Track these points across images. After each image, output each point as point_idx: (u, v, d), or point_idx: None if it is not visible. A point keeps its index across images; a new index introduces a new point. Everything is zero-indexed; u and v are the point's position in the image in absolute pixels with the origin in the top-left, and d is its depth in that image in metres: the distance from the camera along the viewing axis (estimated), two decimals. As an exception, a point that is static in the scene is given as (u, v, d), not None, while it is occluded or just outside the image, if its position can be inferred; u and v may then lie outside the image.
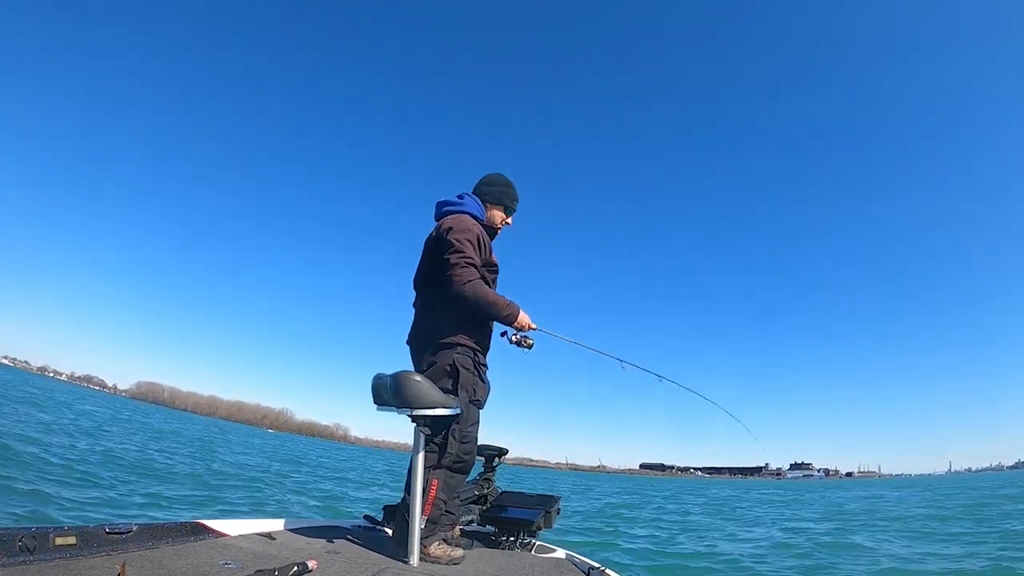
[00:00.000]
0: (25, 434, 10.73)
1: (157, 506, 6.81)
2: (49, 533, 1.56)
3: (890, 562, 6.85)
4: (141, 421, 31.94)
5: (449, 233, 2.49)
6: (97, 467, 8.85)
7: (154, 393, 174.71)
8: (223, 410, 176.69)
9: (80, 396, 53.83)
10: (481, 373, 2.60)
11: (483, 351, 2.64)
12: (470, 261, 2.44)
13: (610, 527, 10.49)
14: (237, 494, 9.22)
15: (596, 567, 2.46)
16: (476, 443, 2.59)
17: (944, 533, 9.77)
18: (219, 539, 2.11)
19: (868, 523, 12.46)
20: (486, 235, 2.64)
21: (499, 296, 2.54)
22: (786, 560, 7.27)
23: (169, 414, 77.25)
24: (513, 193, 2.84)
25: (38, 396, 28.02)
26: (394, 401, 2.25)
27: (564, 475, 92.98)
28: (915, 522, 12.13)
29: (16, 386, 33.81)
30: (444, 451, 2.40)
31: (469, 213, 2.65)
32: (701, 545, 8.60)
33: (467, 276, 2.41)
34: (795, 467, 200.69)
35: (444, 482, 2.42)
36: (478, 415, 2.60)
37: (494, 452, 3.19)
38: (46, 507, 5.39)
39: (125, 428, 21.66)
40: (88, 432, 15.18)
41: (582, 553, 2.96)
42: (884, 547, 8.16)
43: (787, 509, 18.67)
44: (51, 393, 36.99)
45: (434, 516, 2.36)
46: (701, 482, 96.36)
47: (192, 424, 52.58)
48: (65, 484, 6.78)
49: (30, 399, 23.78)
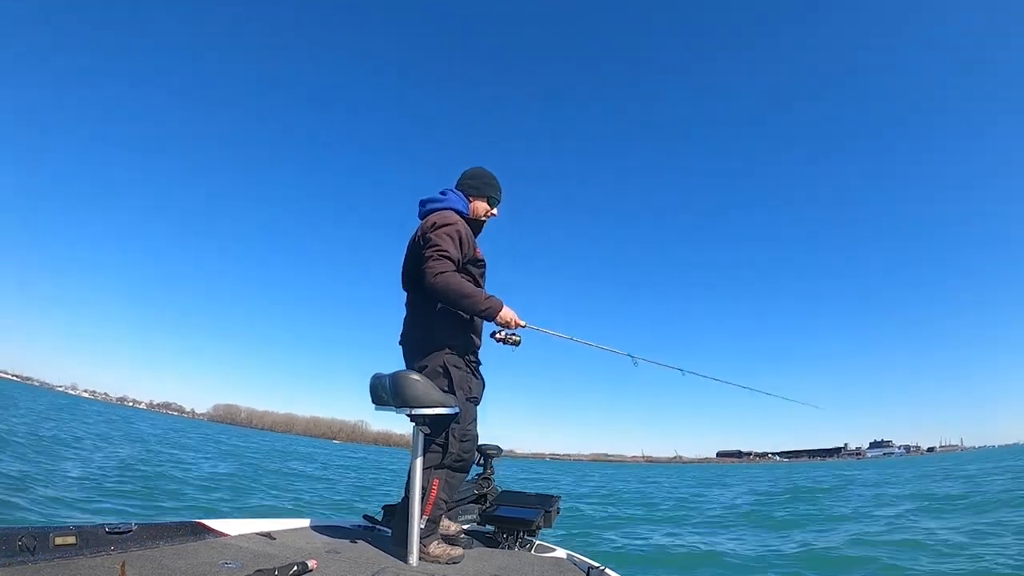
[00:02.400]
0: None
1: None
2: (49, 533, 1.56)
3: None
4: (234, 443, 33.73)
5: (430, 230, 2.49)
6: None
7: (231, 415, 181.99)
8: (299, 426, 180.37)
9: (170, 424, 57.27)
10: (473, 369, 2.58)
11: (474, 350, 2.61)
12: (444, 254, 2.41)
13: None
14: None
15: (596, 567, 2.39)
16: (475, 441, 2.57)
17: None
18: (219, 539, 2.13)
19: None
20: (469, 230, 2.60)
21: (475, 289, 2.49)
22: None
23: (243, 434, 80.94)
24: (496, 184, 2.81)
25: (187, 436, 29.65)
26: (393, 401, 2.24)
27: (642, 468, 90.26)
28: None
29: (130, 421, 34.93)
30: (446, 451, 2.38)
31: (452, 208, 2.62)
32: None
33: (439, 268, 2.38)
34: (875, 445, 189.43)
35: (445, 482, 2.42)
36: (476, 412, 2.59)
37: (492, 451, 3.18)
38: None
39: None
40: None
41: (579, 552, 2.89)
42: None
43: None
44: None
45: (434, 516, 2.35)
46: (797, 466, 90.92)
47: (257, 440, 54.15)
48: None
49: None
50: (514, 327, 2.56)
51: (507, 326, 2.54)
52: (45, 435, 14.25)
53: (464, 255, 2.52)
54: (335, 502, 10.66)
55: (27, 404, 26.55)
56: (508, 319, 2.52)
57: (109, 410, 65.08)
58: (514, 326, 2.55)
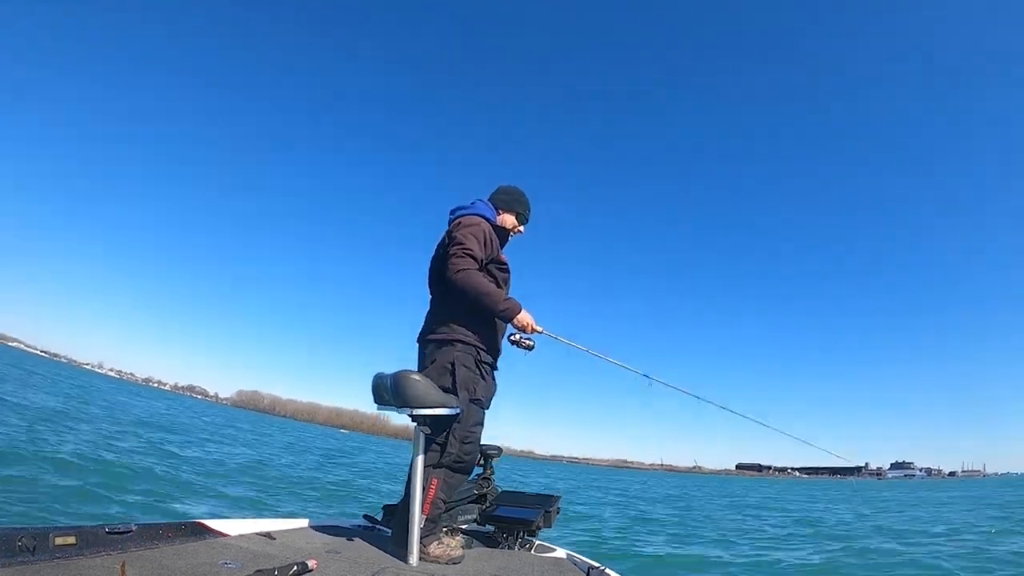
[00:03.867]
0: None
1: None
2: (49, 533, 1.56)
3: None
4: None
5: (455, 229, 2.55)
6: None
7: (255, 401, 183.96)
8: (322, 416, 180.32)
9: (190, 406, 57.73)
10: (483, 372, 2.54)
11: (488, 350, 2.59)
12: (468, 251, 2.44)
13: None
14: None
15: (596, 567, 2.38)
16: (478, 443, 2.55)
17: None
18: (219, 539, 2.13)
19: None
20: (494, 233, 2.64)
21: (495, 289, 2.51)
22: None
23: (265, 420, 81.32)
24: (526, 203, 2.90)
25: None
26: (394, 401, 2.26)
27: (661, 477, 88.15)
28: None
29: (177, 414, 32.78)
30: (444, 450, 2.38)
31: (479, 214, 2.67)
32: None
33: (461, 265, 2.41)
34: (896, 466, 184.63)
35: (444, 481, 2.40)
36: (482, 415, 2.55)
37: (493, 452, 3.17)
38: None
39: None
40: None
41: (580, 552, 2.89)
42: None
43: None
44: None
45: (433, 515, 2.35)
46: (816, 483, 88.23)
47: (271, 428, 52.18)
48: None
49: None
50: (529, 332, 2.58)
51: (523, 330, 2.57)
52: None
53: (487, 255, 2.56)
54: (335, 503, 10.69)
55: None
56: (525, 323, 2.54)
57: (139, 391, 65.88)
58: (530, 331, 2.58)
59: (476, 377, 2.50)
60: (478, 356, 2.52)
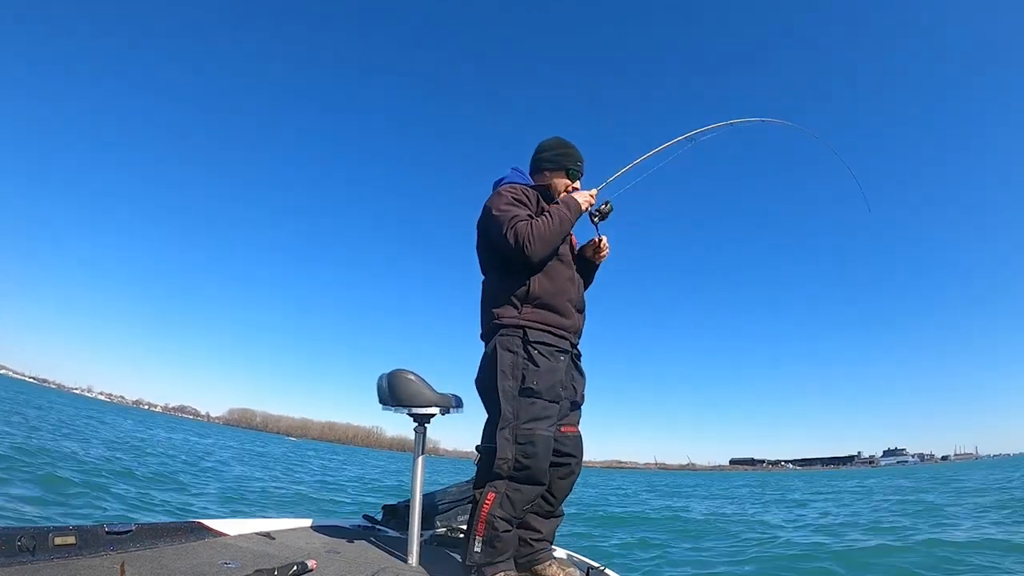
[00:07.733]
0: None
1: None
2: (48, 533, 1.55)
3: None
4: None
5: (483, 212, 2.29)
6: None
7: (247, 419, 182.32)
8: (314, 431, 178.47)
9: (180, 425, 56.31)
10: (536, 355, 2.07)
11: (544, 328, 2.14)
12: (502, 210, 2.15)
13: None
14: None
15: (596, 567, 2.37)
16: (546, 443, 2.04)
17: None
18: (219, 539, 2.11)
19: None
20: (530, 191, 2.30)
21: (548, 217, 2.15)
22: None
23: (257, 437, 79.19)
24: (574, 153, 2.42)
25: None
26: (390, 401, 2.24)
27: (655, 475, 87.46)
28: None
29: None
30: (494, 457, 2.01)
31: (507, 182, 2.37)
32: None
33: (509, 224, 2.09)
34: (888, 453, 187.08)
35: (504, 496, 1.98)
36: (544, 408, 2.05)
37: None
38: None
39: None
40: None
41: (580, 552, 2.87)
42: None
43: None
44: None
45: (488, 537, 1.95)
46: (812, 475, 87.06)
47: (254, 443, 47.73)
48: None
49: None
50: (594, 202, 2.35)
51: (591, 206, 2.34)
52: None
53: (529, 209, 2.22)
54: (334, 501, 10.54)
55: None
56: (587, 204, 2.30)
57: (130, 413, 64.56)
58: (593, 202, 2.34)
59: (524, 362, 2.07)
60: (525, 336, 2.10)
